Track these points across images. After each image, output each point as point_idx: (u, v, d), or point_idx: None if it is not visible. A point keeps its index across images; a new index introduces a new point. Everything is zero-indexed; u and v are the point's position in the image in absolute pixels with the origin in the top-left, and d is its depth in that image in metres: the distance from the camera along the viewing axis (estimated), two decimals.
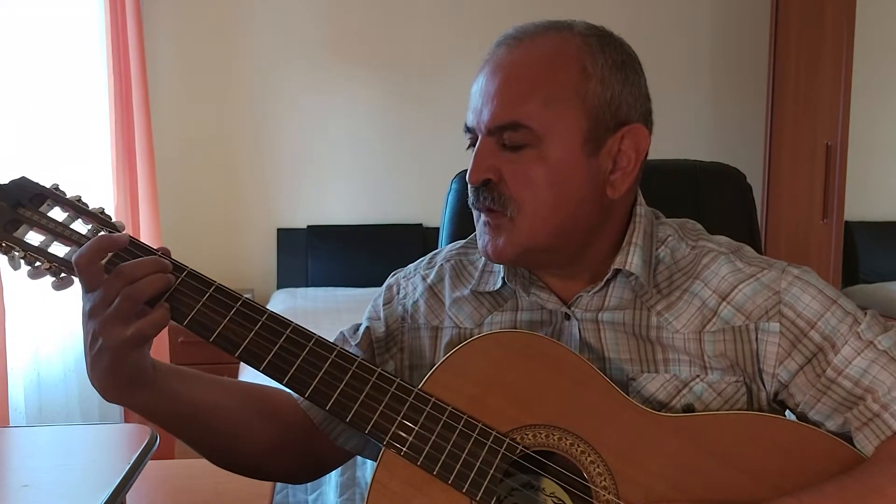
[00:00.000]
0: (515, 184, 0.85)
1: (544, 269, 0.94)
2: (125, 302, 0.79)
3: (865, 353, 0.85)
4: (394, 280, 1.05)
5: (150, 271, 0.81)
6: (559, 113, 0.85)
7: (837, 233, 3.41)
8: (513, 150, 0.85)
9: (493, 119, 0.86)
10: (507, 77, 0.86)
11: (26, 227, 0.85)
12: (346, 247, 3.85)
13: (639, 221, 0.93)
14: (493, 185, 0.86)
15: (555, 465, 0.84)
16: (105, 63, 2.92)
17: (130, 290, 0.79)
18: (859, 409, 0.84)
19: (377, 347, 1.00)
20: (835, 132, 3.34)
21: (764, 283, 0.89)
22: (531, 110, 0.84)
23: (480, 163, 0.86)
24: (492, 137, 0.86)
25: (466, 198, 0.90)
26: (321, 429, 0.97)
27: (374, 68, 3.90)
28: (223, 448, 0.94)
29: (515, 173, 0.85)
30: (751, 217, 1.24)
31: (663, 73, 3.94)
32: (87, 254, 0.80)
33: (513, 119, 0.85)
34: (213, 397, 0.91)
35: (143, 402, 0.86)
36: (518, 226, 0.86)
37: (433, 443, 0.81)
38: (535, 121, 0.84)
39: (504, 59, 0.87)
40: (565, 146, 0.85)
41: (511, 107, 0.85)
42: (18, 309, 2.30)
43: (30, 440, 1.39)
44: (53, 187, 0.88)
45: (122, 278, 0.79)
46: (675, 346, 0.89)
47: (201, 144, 3.85)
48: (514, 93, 0.85)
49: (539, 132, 0.84)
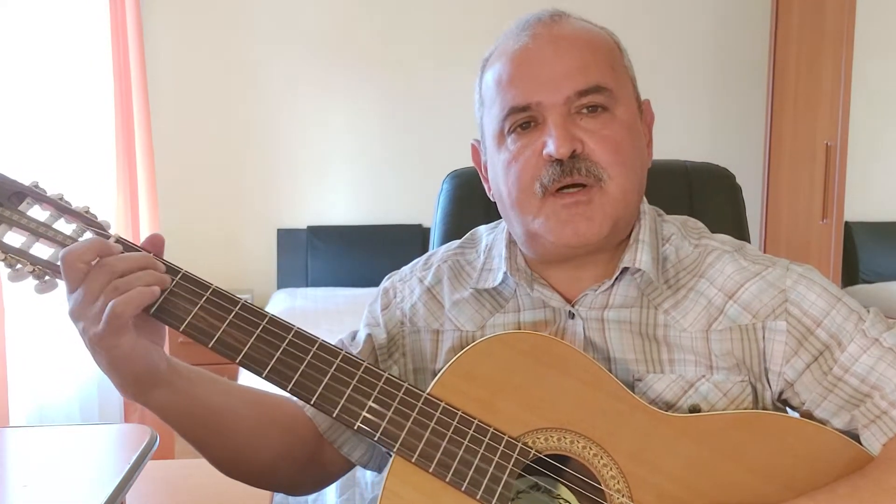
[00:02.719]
0: (602, 148, 0.85)
1: (554, 265, 0.92)
2: (110, 293, 0.75)
3: (871, 350, 0.84)
4: (389, 284, 1.03)
5: (137, 266, 0.77)
6: (622, 77, 0.89)
7: (837, 233, 3.40)
8: (591, 115, 0.85)
9: (573, 83, 0.84)
10: (572, 45, 0.86)
11: (5, 227, 0.81)
12: (346, 247, 3.85)
13: (644, 219, 0.92)
14: (579, 155, 0.84)
15: (568, 469, 0.83)
16: (109, 63, 2.92)
17: (116, 282, 0.75)
18: (866, 406, 0.84)
19: (380, 354, 0.98)
20: (835, 132, 3.34)
21: (769, 282, 0.88)
22: (607, 73, 0.86)
23: (565, 133, 0.83)
24: (566, 108, 0.85)
25: (459, 197, 0.89)
26: (326, 437, 0.95)
27: (374, 68, 3.90)
28: (231, 454, 0.91)
29: (600, 139, 0.85)
30: (741, 217, 1.25)
31: (663, 73, 3.94)
32: (76, 251, 0.76)
33: (597, 82, 0.85)
34: (228, 402, 0.89)
35: (159, 401, 0.83)
36: (610, 193, 0.85)
37: (445, 449, 0.79)
38: (612, 83, 0.86)
39: (556, 32, 0.88)
40: (630, 109, 0.89)
41: (589, 70, 0.85)
42: (18, 309, 2.29)
43: (30, 440, 1.39)
44: (33, 185, 0.84)
45: (106, 272, 0.75)
46: (681, 344, 0.88)
47: (201, 144, 3.85)
48: (587, 58, 0.86)
49: (616, 93, 0.86)
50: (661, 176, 0.90)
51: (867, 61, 3.35)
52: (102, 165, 2.88)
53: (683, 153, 1.34)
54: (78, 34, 2.78)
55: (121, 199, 2.95)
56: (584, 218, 0.84)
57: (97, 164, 2.86)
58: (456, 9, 3.92)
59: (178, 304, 0.80)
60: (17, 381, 2.29)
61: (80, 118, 2.77)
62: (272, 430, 0.91)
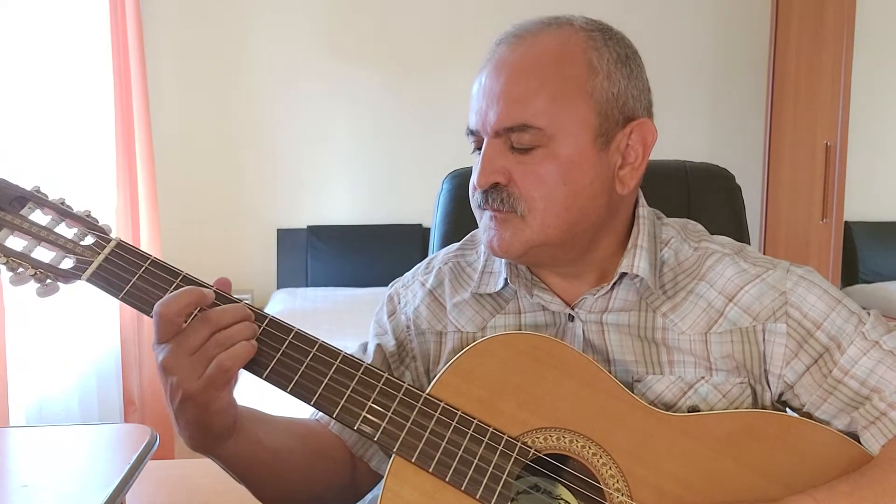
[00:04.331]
0: (526, 184, 0.83)
1: (548, 269, 0.93)
2: (214, 349, 0.75)
3: (871, 353, 0.85)
4: (393, 290, 1.03)
5: (238, 318, 0.77)
6: (569, 110, 0.83)
7: (837, 233, 3.40)
8: (522, 151, 0.83)
9: (499, 120, 0.83)
10: (511, 76, 0.83)
11: (7, 232, 0.82)
12: (346, 247, 3.85)
13: (642, 223, 0.92)
14: (502, 186, 0.84)
15: (567, 468, 0.83)
16: (109, 63, 2.92)
17: (220, 336, 0.75)
18: (865, 408, 0.84)
19: (392, 362, 0.98)
20: (834, 132, 3.34)
21: (770, 284, 0.88)
22: (539, 109, 0.82)
23: (488, 166, 0.84)
24: (499, 139, 0.84)
25: (459, 197, 0.90)
26: (354, 451, 0.95)
27: (374, 68, 3.90)
28: (288, 493, 0.90)
29: (526, 174, 0.83)
30: (740, 217, 1.25)
31: (663, 73, 3.94)
32: (176, 305, 0.75)
33: (521, 120, 0.82)
34: (282, 440, 0.88)
35: (231, 451, 0.82)
36: (529, 224, 0.84)
37: (444, 448, 0.79)
38: (543, 120, 0.82)
39: (507, 58, 0.85)
40: (576, 143, 0.83)
41: (518, 107, 0.82)
42: (18, 309, 2.30)
43: (30, 440, 1.39)
44: (35, 189, 0.85)
45: (209, 325, 0.75)
46: (680, 347, 0.88)
47: (201, 144, 3.85)
48: (520, 92, 0.83)
49: (549, 131, 0.82)
50: (661, 176, 0.89)
51: (867, 61, 3.35)
52: (102, 166, 2.89)
53: (683, 153, 1.34)
54: (78, 34, 2.78)
55: (121, 200, 2.95)
56: (498, 234, 0.86)
57: (97, 164, 2.86)
58: (456, 9, 3.92)
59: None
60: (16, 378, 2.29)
61: (81, 118, 2.77)
62: (317, 462, 0.91)
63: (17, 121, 2.41)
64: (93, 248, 0.83)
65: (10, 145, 2.34)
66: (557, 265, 0.92)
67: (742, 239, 1.20)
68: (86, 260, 0.82)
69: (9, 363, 2.17)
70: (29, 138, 2.47)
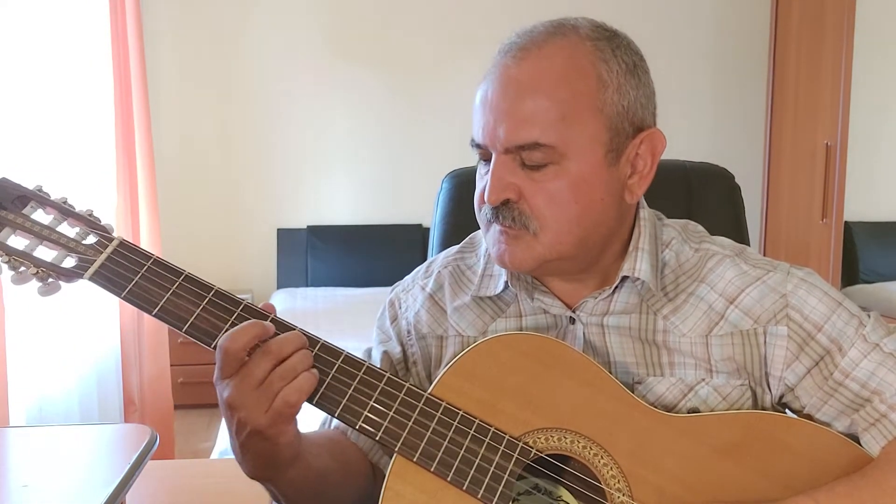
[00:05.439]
0: (538, 201, 0.82)
1: (553, 275, 0.92)
2: (278, 382, 0.75)
3: (872, 355, 0.85)
4: (393, 295, 1.03)
5: (297, 347, 0.78)
6: (579, 127, 0.81)
7: (837, 233, 3.40)
8: (532, 168, 0.82)
9: (509, 138, 0.81)
10: (519, 93, 0.82)
11: (9, 231, 0.82)
12: (346, 247, 3.85)
13: (644, 225, 0.92)
14: (513, 203, 0.83)
15: (568, 469, 0.83)
16: (109, 63, 2.92)
17: (282, 369, 0.76)
18: (866, 410, 0.84)
19: (399, 369, 0.98)
20: (834, 132, 3.34)
21: (770, 286, 0.88)
22: (550, 128, 0.81)
23: (498, 183, 0.82)
24: (508, 155, 0.83)
25: (459, 197, 0.89)
26: (369, 457, 0.96)
27: (374, 68, 3.91)
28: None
29: (537, 191, 0.82)
30: (740, 217, 1.25)
31: (663, 73, 3.94)
32: (240, 341, 0.75)
33: (532, 139, 0.81)
34: (325, 461, 0.88)
35: (290, 478, 0.83)
36: (541, 241, 0.84)
37: (446, 448, 0.80)
38: (554, 138, 0.81)
39: (514, 73, 0.82)
40: (587, 160, 0.82)
41: (528, 126, 0.81)
42: (19, 309, 2.30)
43: (30, 440, 1.39)
44: (37, 188, 0.85)
45: (270, 357, 0.76)
46: (681, 349, 0.88)
47: (201, 145, 3.86)
48: (530, 110, 0.81)
49: (560, 149, 0.81)
50: (661, 176, 0.89)
51: (867, 61, 3.35)
52: (103, 166, 2.89)
53: (683, 153, 1.34)
54: (78, 34, 2.78)
55: (121, 200, 2.95)
56: (509, 250, 0.85)
57: (97, 164, 2.86)
58: (456, 9, 3.92)
59: None
60: (16, 378, 2.29)
61: (81, 119, 2.77)
62: (349, 478, 0.92)
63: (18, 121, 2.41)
64: (95, 248, 0.83)
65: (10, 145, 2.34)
66: (566, 274, 0.91)
67: (742, 239, 1.20)
68: (88, 259, 0.82)
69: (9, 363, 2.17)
70: (29, 138, 2.47)
